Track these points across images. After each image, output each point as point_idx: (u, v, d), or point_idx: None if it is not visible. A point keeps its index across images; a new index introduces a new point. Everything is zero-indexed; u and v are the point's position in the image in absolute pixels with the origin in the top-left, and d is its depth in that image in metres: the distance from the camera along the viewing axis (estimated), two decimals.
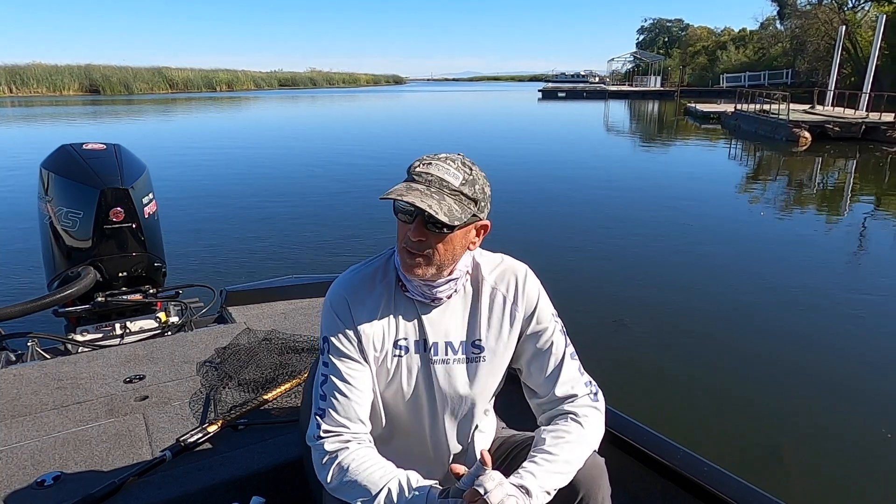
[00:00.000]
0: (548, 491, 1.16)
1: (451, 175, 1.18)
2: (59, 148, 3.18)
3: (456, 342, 1.31)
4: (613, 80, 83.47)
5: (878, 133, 18.82)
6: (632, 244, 7.45)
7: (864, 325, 5.06)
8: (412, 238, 1.18)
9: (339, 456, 1.20)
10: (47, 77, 54.94)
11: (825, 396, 3.90)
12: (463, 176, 1.18)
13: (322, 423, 1.23)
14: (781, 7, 46.98)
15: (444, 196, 1.16)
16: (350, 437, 1.23)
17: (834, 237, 8.43)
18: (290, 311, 3.10)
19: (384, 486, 1.16)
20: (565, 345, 1.35)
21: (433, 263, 1.21)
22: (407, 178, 1.19)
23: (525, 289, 1.34)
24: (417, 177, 1.17)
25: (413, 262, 1.20)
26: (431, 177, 1.17)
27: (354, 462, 1.19)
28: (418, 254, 1.19)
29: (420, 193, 1.14)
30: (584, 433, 1.27)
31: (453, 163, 1.20)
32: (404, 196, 1.13)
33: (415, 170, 1.18)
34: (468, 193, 1.18)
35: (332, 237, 7.72)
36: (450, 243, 1.20)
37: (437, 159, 1.20)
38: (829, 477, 3.15)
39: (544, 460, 1.20)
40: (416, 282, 1.25)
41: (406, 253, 1.21)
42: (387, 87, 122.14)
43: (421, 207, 1.12)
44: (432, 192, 1.15)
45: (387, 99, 59.57)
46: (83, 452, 1.86)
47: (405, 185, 1.17)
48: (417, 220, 1.17)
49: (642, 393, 3.90)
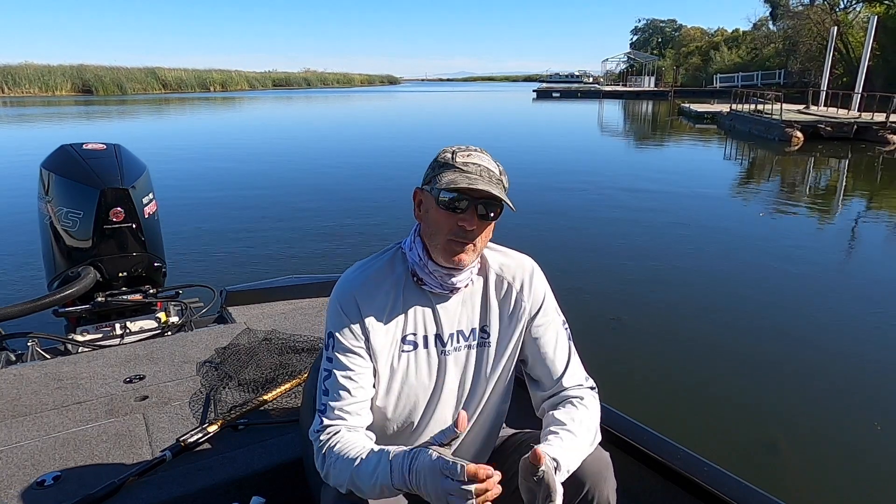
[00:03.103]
0: (569, 468, 1.16)
1: (491, 165, 1.22)
2: (59, 148, 3.17)
3: (467, 330, 1.33)
4: (608, 81, 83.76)
5: (869, 133, 18.93)
6: (628, 243, 7.47)
7: (860, 322, 5.10)
8: (468, 227, 1.19)
9: (330, 441, 1.21)
10: (39, 77, 54.53)
11: (824, 395, 3.92)
12: (497, 167, 1.23)
13: (324, 419, 1.24)
14: (774, 8, 47.22)
15: (497, 184, 1.20)
16: (346, 428, 1.24)
17: (828, 236, 8.47)
18: (290, 311, 3.10)
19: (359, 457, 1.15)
20: (568, 338, 1.39)
21: (478, 250, 1.25)
22: (448, 169, 1.20)
23: (533, 281, 1.37)
24: (464, 167, 1.19)
25: (463, 251, 1.22)
26: (480, 167, 1.20)
27: (339, 444, 1.20)
28: (468, 242, 1.21)
29: (484, 182, 1.17)
30: (591, 419, 1.28)
31: (485, 153, 1.24)
32: (475, 185, 1.15)
33: (457, 160, 1.20)
34: (506, 184, 1.23)
35: (332, 237, 7.71)
36: (490, 230, 1.25)
37: (470, 150, 1.22)
38: (828, 476, 3.16)
39: (568, 438, 1.20)
40: (437, 272, 1.26)
41: (455, 243, 1.21)
42: (381, 87, 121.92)
43: (498, 196, 1.16)
44: (489, 181, 1.19)
45: (382, 99, 59.50)
46: (83, 452, 1.86)
47: (459, 174, 1.18)
48: (471, 210, 1.19)
49: (642, 393, 3.92)
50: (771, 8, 47.95)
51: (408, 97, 65.55)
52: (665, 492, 1.66)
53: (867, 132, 19.01)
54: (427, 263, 1.26)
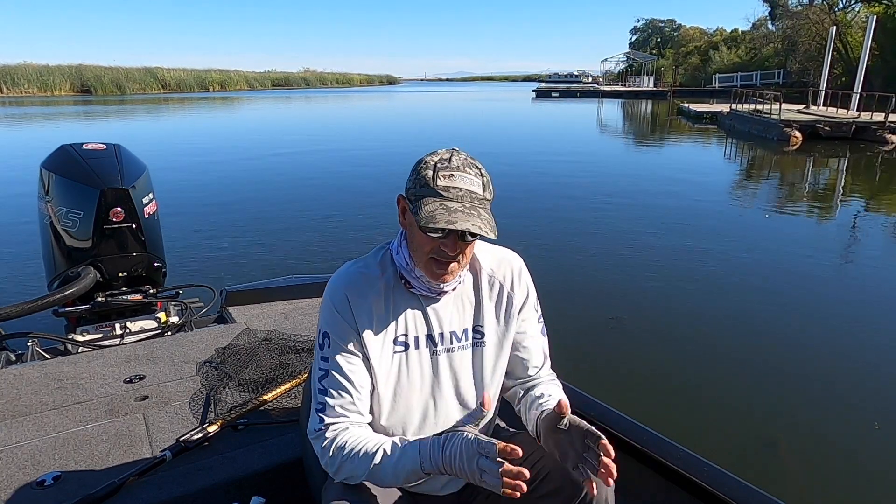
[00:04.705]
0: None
1: (474, 185, 1.18)
2: (59, 148, 3.17)
3: (459, 330, 1.33)
4: (607, 81, 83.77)
5: (868, 133, 18.94)
6: (627, 243, 7.47)
7: (859, 322, 5.10)
8: (450, 252, 1.18)
9: (337, 437, 1.22)
10: (38, 77, 54.48)
11: (824, 395, 3.92)
12: (481, 181, 1.19)
13: (323, 417, 1.24)
14: (773, 8, 47.22)
15: (479, 209, 1.16)
16: (349, 424, 1.25)
17: (827, 235, 8.47)
18: (290, 311, 3.10)
19: (379, 447, 1.19)
20: (544, 331, 1.45)
21: (462, 265, 1.24)
22: (429, 194, 1.16)
23: (521, 277, 1.40)
24: (445, 192, 1.15)
25: (445, 272, 1.21)
26: (461, 191, 1.16)
27: (351, 438, 1.22)
28: (450, 262, 1.20)
29: (464, 215, 1.14)
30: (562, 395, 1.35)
31: (469, 170, 1.19)
32: (455, 224, 1.12)
33: (437, 184, 1.16)
34: (489, 198, 1.20)
35: (332, 237, 7.71)
36: (474, 244, 1.24)
37: (452, 170, 1.17)
38: (828, 476, 3.16)
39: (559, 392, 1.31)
40: (423, 278, 1.26)
41: (435, 263, 1.21)
42: (380, 87, 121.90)
43: (476, 232, 1.13)
44: (470, 210, 1.15)
45: (382, 99, 59.48)
46: (83, 452, 1.86)
47: (439, 204, 1.14)
48: (453, 236, 1.17)
49: (642, 392, 3.92)
50: (770, 8, 47.97)
51: (407, 97, 65.54)
52: (665, 492, 1.66)
53: (866, 132, 19.02)
54: (414, 269, 1.26)
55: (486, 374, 1.36)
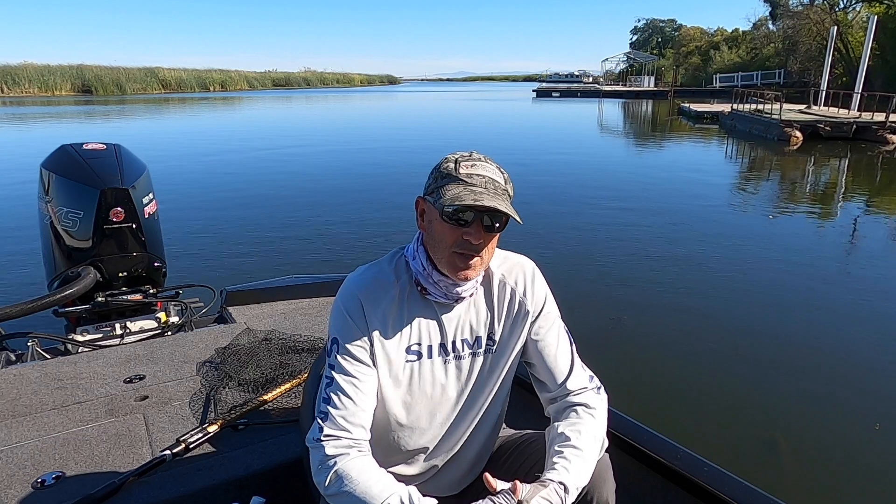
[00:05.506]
0: (577, 486, 1.16)
1: (496, 174, 1.18)
2: (59, 148, 3.17)
3: (472, 338, 1.31)
4: (607, 81, 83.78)
5: (868, 132, 18.94)
6: (628, 243, 7.46)
7: (860, 323, 5.09)
8: (474, 241, 1.16)
9: (338, 462, 1.15)
10: (39, 77, 54.44)
11: (824, 395, 3.92)
12: (503, 175, 1.20)
13: (324, 427, 1.18)
14: (773, 7, 47.22)
15: (503, 197, 1.16)
16: (352, 443, 1.18)
17: (827, 235, 8.47)
18: (291, 311, 3.10)
19: (384, 501, 1.10)
20: (570, 339, 1.38)
21: (484, 263, 1.22)
22: (452, 181, 1.15)
23: (534, 283, 1.35)
24: (469, 178, 1.15)
25: (469, 266, 1.19)
26: (485, 178, 1.16)
27: (354, 471, 1.14)
28: (474, 255, 1.18)
29: (489, 197, 1.13)
30: (598, 427, 1.28)
31: (491, 163, 1.20)
32: (480, 201, 1.11)
33: (461, 172, 1.16)
34: (511, 192, 1.20)
35: (332, 237, 7.69)
36: (496, 240, 1.22)
37: (473, 160, 1.19)
38: (828, 476, 3.16)
39: (574, 455, 1.19)
40: (442, 283, 1.23)
41: (459, 257, 1.18)
42: (381, 87, 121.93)
43: (504, 211, 1.12)
44: (494, 195, 1.15)
45: (383, 99, 59.48)
46: (83, 452, 1.86)
47: (463, 188, 1.14)
48: (476, 223, 1.16)
49: (642, 393, 3.91)
50: (770, 8, 47.97)
51: (408, 97, 65.53)
52: (665, 492, 1.66)
53: (866, 132, 19.02)
54: (431, 273, 1.23)
55: (499, 381, 1.34)
